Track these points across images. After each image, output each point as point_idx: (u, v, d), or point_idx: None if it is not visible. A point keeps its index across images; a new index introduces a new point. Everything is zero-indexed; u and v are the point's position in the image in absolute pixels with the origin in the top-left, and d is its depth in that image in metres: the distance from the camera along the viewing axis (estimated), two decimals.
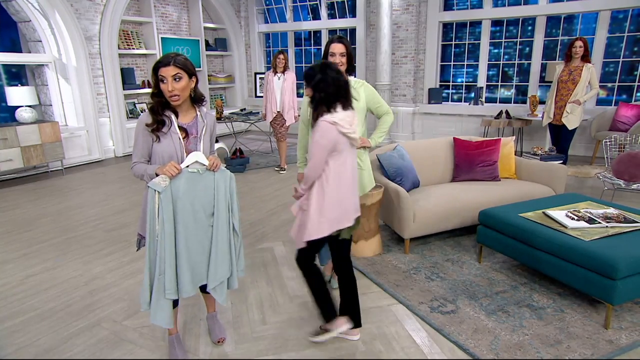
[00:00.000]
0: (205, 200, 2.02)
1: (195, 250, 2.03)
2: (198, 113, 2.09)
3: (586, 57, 4.98)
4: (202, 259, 2.07)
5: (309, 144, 2.09)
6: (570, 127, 5.09)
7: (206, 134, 2.10)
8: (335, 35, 2.60)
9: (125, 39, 7.45)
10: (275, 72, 5.57)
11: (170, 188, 1.93)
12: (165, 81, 1.91)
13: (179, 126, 2.01)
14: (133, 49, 7.55)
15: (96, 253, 3.53)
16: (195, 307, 2.68)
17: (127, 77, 7.44)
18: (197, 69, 8.51)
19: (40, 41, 6.26)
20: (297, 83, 5.84)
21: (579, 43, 4.94)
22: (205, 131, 2.09)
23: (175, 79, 1.92)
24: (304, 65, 9.45)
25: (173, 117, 2.00)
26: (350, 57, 2.59)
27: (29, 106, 5.78)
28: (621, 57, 6.40)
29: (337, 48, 2.53)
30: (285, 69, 5.56)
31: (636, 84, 6.39)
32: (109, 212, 4.52)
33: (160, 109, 1.98)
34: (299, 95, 9.52)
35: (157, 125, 1.96)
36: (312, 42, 9.23)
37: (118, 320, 2.57)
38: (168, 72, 1.90)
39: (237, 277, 2.21)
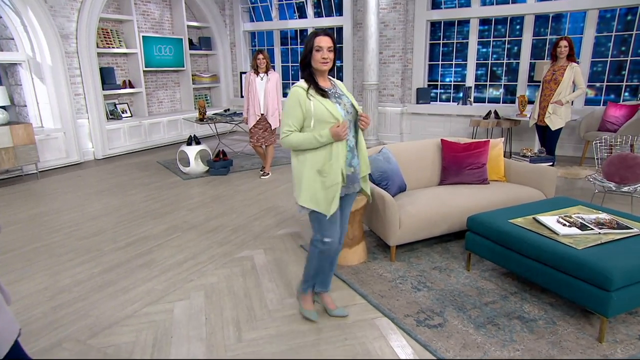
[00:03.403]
0: None
1: None
2: None
3: (571, 57, 4.89)
4: None
5: None
6: (553, 128, 5.00)
7: None
8: (320, 29, 2.28)
9: (105, 37, 7.20)
10: (258, 73, 5.35)
11: None
12: None
13: None
14: (113, 47, 7.30)
15: (65, 263, 3.33)
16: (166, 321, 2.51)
17: (106, 77, 7.20)
18: (180, 69, 8.52)
19: (13, 39, 5.99)
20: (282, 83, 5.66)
21: (563, 43, 4.86)
22: None
23: None
24: (290, 64, 9.27)
25: None
26: (336, 53, 2.25)
27: (0, 107, 5.52)
28: (609, 56, 6.34)
29: (325, 41, 2.18)
30: (267, 68, 5.33)
31: (624, 83, 6.34)
32: (84, 219, 4.31)
33: None
34: (286, 95, 9.37)
35: None
36: (298, 40, 9.06)
37: (82, 339, 2.38)
38: None
39: None
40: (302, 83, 2.24)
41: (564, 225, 2.64)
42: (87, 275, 3.14)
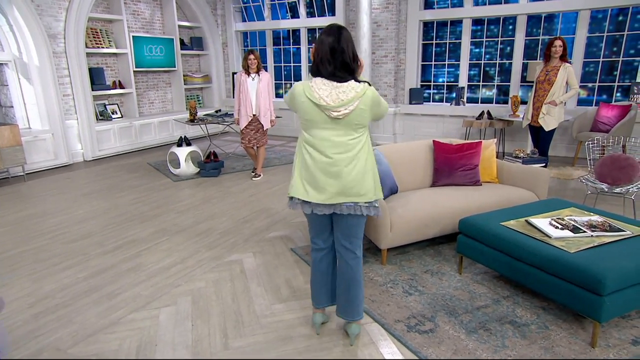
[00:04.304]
0: None
1: None
2: None
3: (564, 57, 4.89)
4: None
5: None
6: (547, 129, 4.99)
7: None
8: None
9: (94, 37, 7.10)
10: (249, 73, 5.28)
11: None
12: None
13: None
14: (102, 47, 7.20)
15: (50, 268, 3.25)
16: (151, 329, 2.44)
17: (96, 77, 7.09)
18: (171, 69, 8.41)
19: None
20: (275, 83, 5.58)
21: (558, 42, 4.85)
22: None
23: None
24: (283, 65, 9.21)
25: None
26: None
27: None
28: (601, 57, 6.35)
29: None
30: (258, 69, 5.27)
31: (616, 84, 6.35)
32: (71, 222, 4.23)
33: None
34: (278, 96, 9.30)
35: None
36: (290, 40, 9.00)
37: (63, 348, 2.31)
38: None
39: None
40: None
41: (557, 227, 2.61)
42: (72, 280, 3.06)
